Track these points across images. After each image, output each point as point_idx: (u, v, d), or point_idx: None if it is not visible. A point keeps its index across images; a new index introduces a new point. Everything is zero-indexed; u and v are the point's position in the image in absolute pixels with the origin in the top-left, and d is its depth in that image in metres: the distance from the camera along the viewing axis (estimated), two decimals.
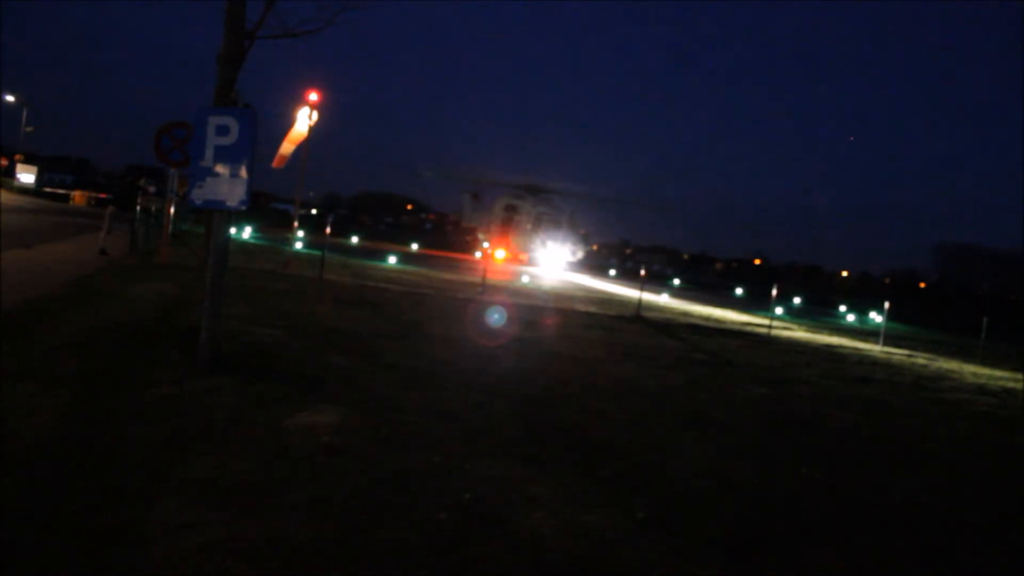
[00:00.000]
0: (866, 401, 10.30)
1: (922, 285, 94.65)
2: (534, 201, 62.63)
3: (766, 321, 22.54)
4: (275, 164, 19.23)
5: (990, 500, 6.08)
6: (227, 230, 6.52)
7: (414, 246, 43.51)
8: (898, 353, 20.53)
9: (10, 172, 52.61)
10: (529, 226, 59.94)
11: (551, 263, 55.90)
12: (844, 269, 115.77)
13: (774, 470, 5.85)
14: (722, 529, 4.35)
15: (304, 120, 18.87)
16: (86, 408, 4.94)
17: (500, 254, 49.86)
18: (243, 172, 6.22)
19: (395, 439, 5.14)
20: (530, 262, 55.61)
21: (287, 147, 19.40)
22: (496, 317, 14.09)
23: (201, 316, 6.41)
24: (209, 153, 6.24)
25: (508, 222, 62.17)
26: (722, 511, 4.67)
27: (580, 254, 60.30)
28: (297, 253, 20.27)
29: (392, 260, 30.01)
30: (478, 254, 45.52)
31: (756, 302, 36.09)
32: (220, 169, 6.23)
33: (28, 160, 58.95)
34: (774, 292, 22.54)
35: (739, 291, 47.04)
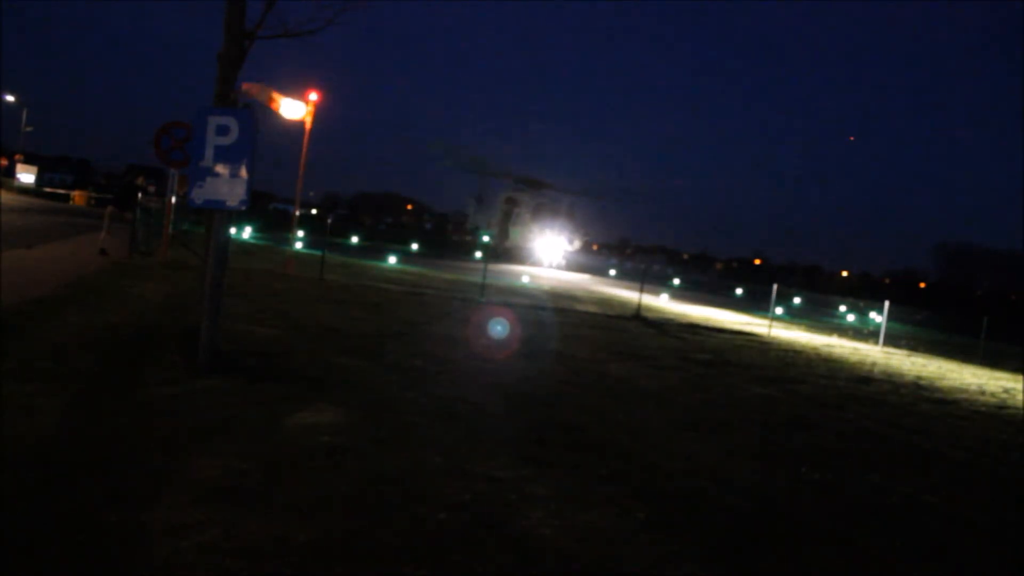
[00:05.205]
0: (866, 401, 10.30)
1: (922, 285, 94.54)
2: (533, 193, 63.38)
3: (766, 321, 22.53)
4: (244, 85, 18.05)
5: (991, 500, 6.08)
6: (227, 230, 6.53)
7: (414, 246, 43.50)
8: (898, 353, 20.53)
9: (10, 172, 52.50)
10: (528, 217, 60.59)
11: (550, 254, 56.46)
12: (844, 269, 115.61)
13: (774, 470, 5.85)
14: (722, 529, 4.35)
15: (295, 107, 18.46)
16: (86, 408, 4.94)
17: (500, 251, 50.06)
18: (243, 172, 6.22)
19: (395, 439, 5.14)
20: (530, 254, 56.05)
21: (271, 94, 18.46)
22: (496, 317, 14.09)
23: (201, 316, 6.41)
24: (209, 153, 6.24)
25: (508, 215, 62.88)
26: (722, 511, 4.67)
27: (577, 244, 60.96)
28: (297, 253, 20.26)
29: (392, 260, 30.01)
30: (478, 254, 45.54)
31: (756, 302, 36.08)
32: (220, 169, 6.23)
33: (28, 160, 58.86)
34: (774, 292, 22.54)
35: (739, 291, 46.99)
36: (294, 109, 18.28)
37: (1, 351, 5.92)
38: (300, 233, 23.85)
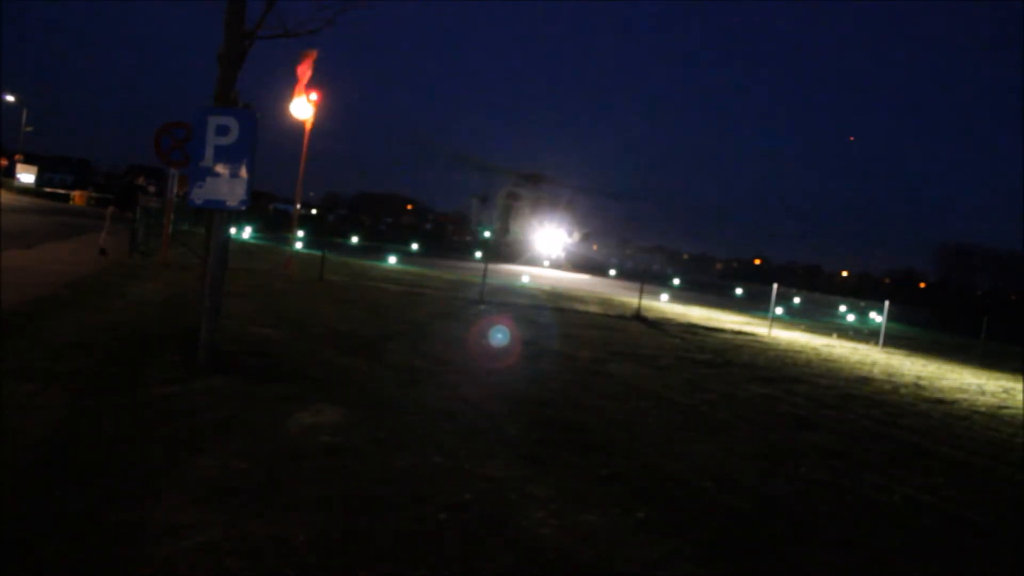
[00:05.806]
0: (866, 401, 10.30)
1: (922, 285, 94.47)
2: (533, 188, 63.79)
3: (766, 321, 22.53)
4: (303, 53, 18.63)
5: (991, 500, 6.07)
6: (227, 230, 6.53)
7: (414, 246, 43.53)
8: (898, 353, 20.53)
9: (10, 172, 52.48)
10: (528, 212, 60.86)
11: (550, 248, 56.80)
12: (844, 269, 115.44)
13: (774, 470, 5.85)
14: (722, 529, 4.35)
15: (302, 107, 18.55)
16: (86, 408, 4.94)
17: (501, 249, 50.23)
18: (243, 172, 6.22)
19: (395, 439, 5.14)
20: (530, 249, 56.26)
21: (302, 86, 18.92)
22: (496, 317, 14.09)
23: (201, 316, 6.41)
24: (209, 153, 6.24)
25: (509, 211, 63.20)
26: (722, 511, 4.68)
27: (577, 237, 61.21)
28: (297, 253, 20.26)
29: (392, 260, 30.00)
30: (478, 254, 45.63)
31: (756, 302, 36.07)
32: (220, 169, 6.23)
33: (28, 160, 58.84)
34: (774, 292, 22.54)
35: (739, 291, 47.01)
36: (301, 109, 18.33)
37: (1, 351, 5.92)
38: (300, 233, 23.86)
